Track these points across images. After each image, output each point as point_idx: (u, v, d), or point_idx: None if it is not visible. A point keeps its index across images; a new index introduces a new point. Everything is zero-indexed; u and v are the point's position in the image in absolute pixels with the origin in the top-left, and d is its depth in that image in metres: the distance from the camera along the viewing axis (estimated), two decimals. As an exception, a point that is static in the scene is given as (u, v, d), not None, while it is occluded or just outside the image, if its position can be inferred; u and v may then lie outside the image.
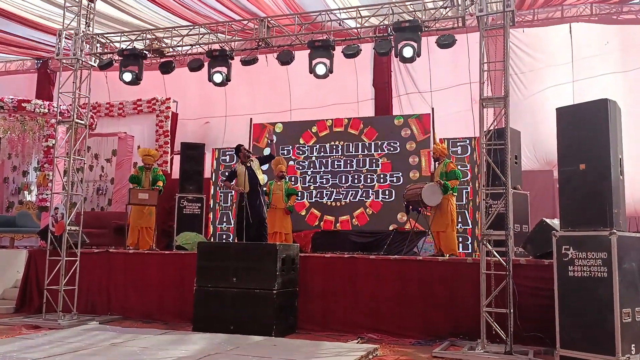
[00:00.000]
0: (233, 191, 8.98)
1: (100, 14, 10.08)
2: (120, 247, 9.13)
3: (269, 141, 8.91)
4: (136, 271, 8.08)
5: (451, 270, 6.60)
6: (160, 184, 9.32)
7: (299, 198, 10.27)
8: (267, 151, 10.88)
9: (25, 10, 10.65)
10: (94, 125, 11.16)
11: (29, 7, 10.59)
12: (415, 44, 7.05)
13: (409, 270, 6.78)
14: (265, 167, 9.08)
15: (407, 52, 7.06)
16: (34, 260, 8.47)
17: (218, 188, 11.16)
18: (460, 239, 9.10)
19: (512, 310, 5.54)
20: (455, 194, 8.14)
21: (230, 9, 10.09)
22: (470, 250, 9.19)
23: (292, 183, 10.21)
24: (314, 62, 7.66)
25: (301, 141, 10.86)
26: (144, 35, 8.61)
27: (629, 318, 4.76)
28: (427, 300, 6.58)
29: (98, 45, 8.50)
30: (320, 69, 7.64)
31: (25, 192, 12.75)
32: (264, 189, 8.89)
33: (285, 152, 10.89)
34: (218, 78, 8.12)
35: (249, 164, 8.44)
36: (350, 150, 10.55)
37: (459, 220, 9.03)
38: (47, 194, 10.18)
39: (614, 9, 10.08)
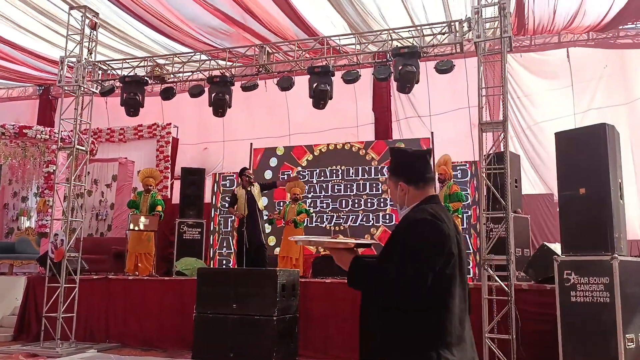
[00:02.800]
0: (234, 216, 9.01)
1: (103, 43, 10.20)
2: (119, 273, 9.08)
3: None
4: (135, 298, 8.02)
5: (453, 296, 6.54)
6: (160, 208, 9.29)
7: (310, 221, 10.21)
8: (268, 174, 10.95)
9: (29, 33, 10.76)
10: (94, 151, 11.20)
11: (33, 32, 10.72)
12: (414, 70, 7.11)
13: (410, 296, 6.72)
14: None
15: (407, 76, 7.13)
16: (32, 287, 8.42)
17: (218, 212, 11.16)
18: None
19: (514, 337, 5.48)
20: (460, 216, 8.11)
21: (238, 25, 10.15)
22: (470, 275, 9.12)
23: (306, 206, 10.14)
24: (313, 87, 7.71)
25: (302, 163, 10.91)
26: (145, 62, 8.69)
27: (632, 344, 4.71)
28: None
29: (99, 72, 8.58)
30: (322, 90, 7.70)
31: (24, 218, 12.73)
32: (264, 212, 8.94)
33: (286, 177, 10.90)
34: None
35: (249, 188, 8.51)
36: (351, 174, 10.56)
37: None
38: (46, 220, 10.15)
39: (610, 34, 10.18)
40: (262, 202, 8.87)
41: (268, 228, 9.68)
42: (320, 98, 7.71)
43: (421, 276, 1.99)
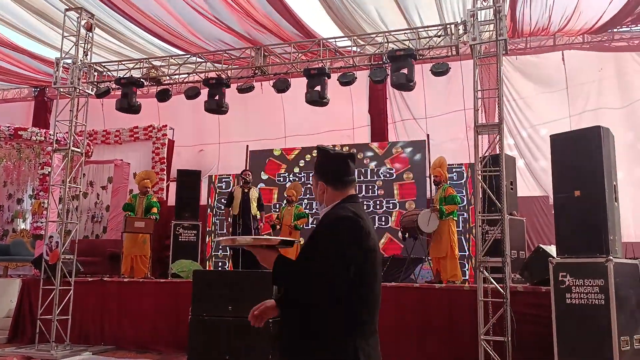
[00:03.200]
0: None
1: (99, 44, 10.20)
2: (115, 276, 9.06)
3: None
4: (130, 300, 7.99)
5: (448, 298, 6.56)
6: (155, 210, 9.28)
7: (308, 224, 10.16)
8: (264, 175, 10.94)
9: (24, 33, 10.74)
10: (90, 153, 11.16)
11: (28, 33, 10.70)
12: (409, 72, 7.13)
13: (406, 298, 6.73)
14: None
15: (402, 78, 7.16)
16: (27, 289, 8.39)
17: (214, 214, 11.14)
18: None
19: (510, 338, 5.49)
20: (456, 219, 8.09)
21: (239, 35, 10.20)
22: (467, 277, 9.13)
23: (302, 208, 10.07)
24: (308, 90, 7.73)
25: (296, 169, 10.92)
26: (141, 64, 8.68)
27: (627, 346, 4.72)
28: (424, 328, 6.52)
29: (95, 73, 8.56)
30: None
31: (20, 220, 12.68)
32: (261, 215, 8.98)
33: (282, 178, 10.90)
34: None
35: (246, 190, 8.56)
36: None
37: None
38: (41, 222, 10.11)
39: (605, 37, 10.22)
40: (256, 209, 8.88)
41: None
42: (313, 103, 7.78)
43: (343, 271, 2.10)
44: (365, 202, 10.32)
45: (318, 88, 7.62)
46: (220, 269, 10.68)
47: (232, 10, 9.32)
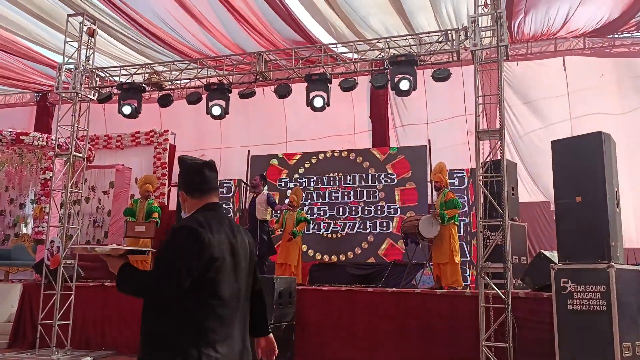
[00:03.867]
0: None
1: (101, 49, 10.23)
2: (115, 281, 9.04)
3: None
4: (131, 305, 7.95)
5: (450, 303, 6.55)
6: (156, 215, 9.25)
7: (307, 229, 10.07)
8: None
9: (27, 38, 10.77)
10: (91, 158, 11.17)
11: (31, 36, 10.73)
12: (411, 78, 7.14)
13: (407, 303, 6.72)
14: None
15: (404, 85, 7.16)
16: (28, 294, 8.38)
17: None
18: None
19: (511, 344, 5.48)
20: (457, 223, 8.06)
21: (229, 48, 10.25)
22: (468, 283, 9.10)
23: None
24: (311, 95, 7.73)
25: (300, 170, 10.93)
26: (143, 69, 8.70)
27: (629, 352, 4.71)
28: (426, 334, 6.51)
29: (97, 79, 8.58)
30: (318, 102, 7.72)
31: (21, 225, 12.68)
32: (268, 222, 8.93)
33: (283, 184, 10.91)
34: (216, 111, 8.20)
35: (255, 195, 8.58)
36: (348, 181, 10.55)
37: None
38: (43, 227, 10.11)
39: (606, 43, 10.23)
40: (265, 212, 8.82)
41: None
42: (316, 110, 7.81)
43: (171, 279, 2.13)
44: (366, 208, 10.32)
45: (323, 94, 7.63)
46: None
47: (240, 26, 9.38)
